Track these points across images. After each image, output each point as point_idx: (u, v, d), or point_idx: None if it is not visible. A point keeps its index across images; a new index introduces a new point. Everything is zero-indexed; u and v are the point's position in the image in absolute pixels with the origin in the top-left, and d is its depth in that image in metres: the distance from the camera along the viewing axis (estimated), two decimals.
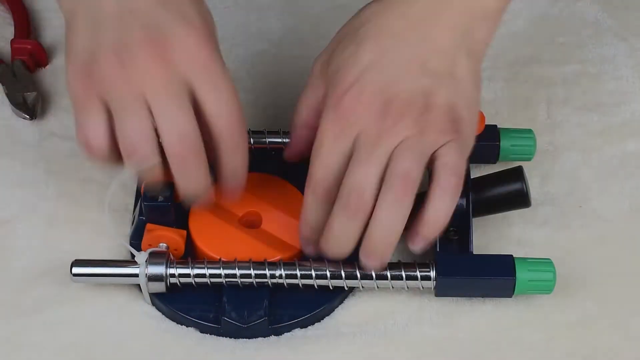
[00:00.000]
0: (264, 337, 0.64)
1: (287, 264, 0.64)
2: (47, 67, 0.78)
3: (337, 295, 0.65)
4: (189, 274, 0.63)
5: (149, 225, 0.65)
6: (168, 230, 0.65)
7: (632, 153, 0.75)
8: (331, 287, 0.64)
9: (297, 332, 0.64)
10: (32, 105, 0.74)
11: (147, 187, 0.64)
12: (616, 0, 0.86)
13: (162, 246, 0.65)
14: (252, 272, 0.63)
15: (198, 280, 0.63)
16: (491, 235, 0.70)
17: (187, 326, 0.64)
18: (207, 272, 0.63)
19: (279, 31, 0.82)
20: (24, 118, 0.74)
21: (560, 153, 0.75)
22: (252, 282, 0.63)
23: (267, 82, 0.79)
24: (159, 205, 0.65)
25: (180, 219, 0.66)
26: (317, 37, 0.82)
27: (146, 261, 0.63)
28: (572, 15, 0.85)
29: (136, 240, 0.66)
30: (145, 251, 0.64)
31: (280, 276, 0.63)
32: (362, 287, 0.65)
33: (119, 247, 0.67)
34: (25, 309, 0.65)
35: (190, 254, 0.65)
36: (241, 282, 0.63)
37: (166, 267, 0.63)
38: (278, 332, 0.64)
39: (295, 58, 0.80)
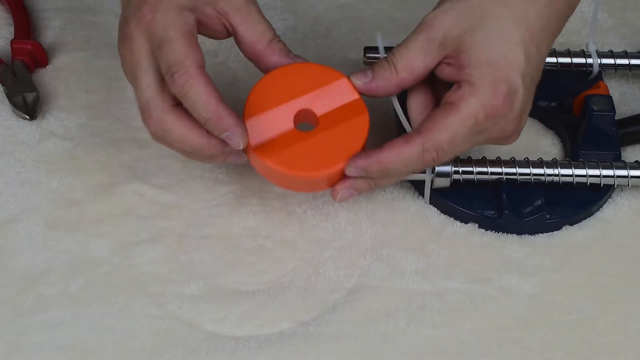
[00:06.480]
0: (540, 232, 0.69)
1: (562, 163, 0.69)
2: (47, 67, 0.78)
3: (604, 195, 0.70)
4: (472, 171, 0.68)
5: None
6: None
7: None
8: (602, 185, 0.69)
9: (299, 329, 0.64)
10: (32, 105, 0.74)
11: None
12: (616, 0, 0.86)
13: None
14: (531, 170, 0.68)
15: (479, 177, 0.69)
16: None
17: (466, 222, 0.69)
18: (489, 169, 0.69)
19: (279, 31, 0.82)
20: (24, 118, 0.74)
21: None
22: (530, 179, 0.69)
23: None
24: None
25: None
26: (317, 37, 0.82)
27: None
28: (572, 15, 0.85)
29: None
30: None
31: (557, 174, 0.68)
32: (630, 185, 0.70)
33: (119, 246, 0.67)
34: (25, 309, 0.65)
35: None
36: (520, 179, 0.69)
37: (451, 165, 0.68)
38: (551, 228, 0.69)
39: None
